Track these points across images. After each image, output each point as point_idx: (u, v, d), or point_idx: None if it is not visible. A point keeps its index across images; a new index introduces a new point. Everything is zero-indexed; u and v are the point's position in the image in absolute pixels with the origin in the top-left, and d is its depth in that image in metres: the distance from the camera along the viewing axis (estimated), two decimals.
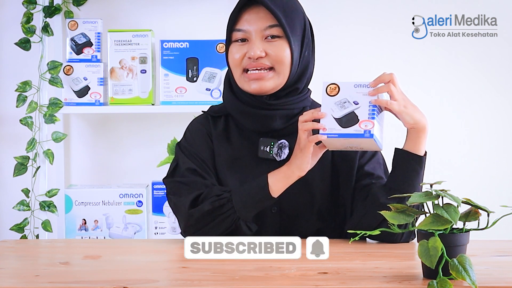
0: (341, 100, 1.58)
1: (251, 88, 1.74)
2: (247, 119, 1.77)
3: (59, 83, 2.66)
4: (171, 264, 1.48)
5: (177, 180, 1.75)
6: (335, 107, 1.58)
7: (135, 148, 2.86)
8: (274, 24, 1.72)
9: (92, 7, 2.81)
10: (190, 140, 1.81)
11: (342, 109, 1.58)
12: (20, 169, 2.69)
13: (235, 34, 1.76)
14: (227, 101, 1.81)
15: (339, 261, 1.49)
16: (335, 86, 1.59)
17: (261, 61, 1.73)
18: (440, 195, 1.29)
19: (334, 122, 1.58)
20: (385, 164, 1.83)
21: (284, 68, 1.73)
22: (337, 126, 1.58)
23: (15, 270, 1.49)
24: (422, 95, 2.85)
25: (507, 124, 2.85)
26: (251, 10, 1.75)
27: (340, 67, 2.81)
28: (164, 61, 2.64)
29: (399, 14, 2.84)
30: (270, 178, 1.67)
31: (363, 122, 1.57)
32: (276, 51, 1.72)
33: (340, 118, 1.58)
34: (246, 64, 1.74)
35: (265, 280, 1.34)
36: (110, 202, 2.60)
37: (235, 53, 1.75)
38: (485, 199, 1.71)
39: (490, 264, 1.45)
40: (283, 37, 1.73)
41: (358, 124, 1.57)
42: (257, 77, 1.73)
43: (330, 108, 1.59)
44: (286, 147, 1.75)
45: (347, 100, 1.58)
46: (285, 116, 1.76)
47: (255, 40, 1.73)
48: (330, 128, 1.58)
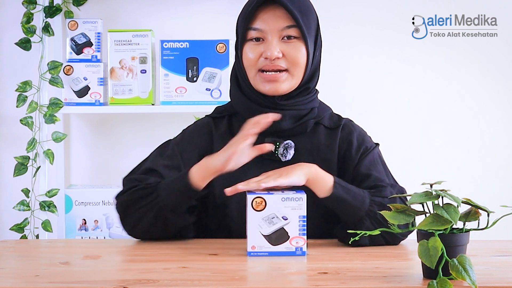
0: (268, 215, 1.50)
1: (266, 89, 1.72)
2: None
3: (59, 83, 2.66)
4: (171, 264, 1.48)
5: (133, 178, 1.74)
6: (263, 223, 1.50)
7: (135, 148, 2.86)
8: (292, 25, 1.70)
9: (92, 7, 2.81)
10: (179, 139, 1.80)
11: (270, 225, 1.50)
12: (20, 169, 2.69)
13: (250, 33, 1.73)
14: (235, 100, 1.79)
15: (339, 261, 1.49)
16: (261, 200, 1.51)
17: (278, 62, 1.71)
18: (440, 195, 1.29)
19: (263, 239, 1.50)
20: (384, 166, 1.80)
21: (299, 70, 1.72)
22: (267, 244, 1.50)
23: (15, 270, 1.49)
24: (422, 95, 2.85)
25: (507, 124, 2.85)
26: (267, 9, 1.72)
27: (340, 67, 2.81)
28: (164, 61, 2.64)
29: (399, 14, 2.84)
30: (193, 168, 1.64)
31: (294, 239, 1.51)
32: (293, 52, 1.71)
33: (270, 235, 1.50)
34: (262, 65, 1.72)
35: (265, 280, 1.34)
36: (110, 202, 2.60)
37: (250, 52, 1.73)
38: (485, 199, 1.71)
39: (490, 264, 1.45)
40: (299, 38, 1.71)
41: (289, 241, 1.51)
42: (272, 78, 1.71)
43: (257, 224, 1.50)
44: (292, 148, 1.74)
45: (276, 216, 1.50)
46: (294, 117, 1.75)
47: (271, 40, 1.71)
48: (259, 245, 1.50)
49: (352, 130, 1.80)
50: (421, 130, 2.85)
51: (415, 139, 2.85)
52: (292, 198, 1.51)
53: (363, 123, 1.88)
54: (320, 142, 1.77)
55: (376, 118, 2.82)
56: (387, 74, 2.85)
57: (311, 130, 1.78)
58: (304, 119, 1.76)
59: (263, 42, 1.72)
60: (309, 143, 1.77)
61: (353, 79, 2.85)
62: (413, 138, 2.85)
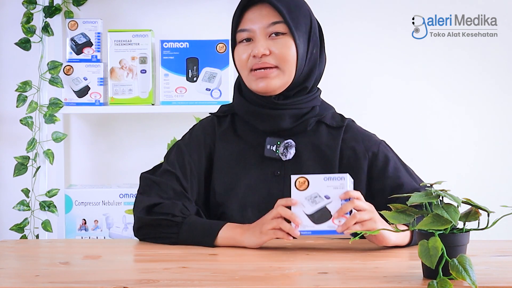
0: (311, 194, 1.53)
1: (258, 87, 1.73)
2: (256, 119, 1.77)
3: (59, 83, 2.66)
4: (171, 264, 1.48)
5: (151, 178, 1.75)
6: (306, 202, 1.53)
7: (135, 148, 2.86)
8: (278, 21, 1.71)
9: (92, 7, 2.81)
10: (186, 140, 1.81)
11: (313, 204, 1.53)
12: (20, 169, 2.69)
13: (240, 35, 1.75)
14: (236, 103, 1.81)
15: (339, 261, 1.49)
16: (304, 180, 1.54)
17: (266, 59, 1.71)
18: (440, 195, 1.29)
19: (306, 218, 1.53)
20: (402, 163, 1.79)
21: (289, 65, 1.72)
22: (310, 223, 1.53)
23: (15, 270, 1.49)
24: (421, 95, 2.85)
25: (507, 124, 2.85)
26: (254, 8, 1.74)
27: (340, 67, 2.81)
28: (164, 61, 2.64)
29: (399, 14, 2.84)
30: (223, 232, 1.62)
31: (336, 218, 1.52)
32: (280, 48, 1.71)
33: (312, 214, 1.53)
34: (252, 64, 1.73)
35: (265, 280, 1.34)
36: (110, 202, 2.60)
37: (241, 53, 1.75)
38: (485, 199, 1.71)
39: (490, 264, 1.45)
40: (287, 33, 1.72)
41: (331, 220, 1.53)
42: (262, 75, 1.72)
43: (300, 203, 1.54)
44: (293, 147, 1.74)
45: (318, 195, 1.53)
46: (294, 116, 1.75)
47: (259, 38, 1.72)
48: (303, 224, 1.53)
49: (357, 135, 1.79)
50: (420, 130, 2.85)
51: (414, 139, 2.85)
52: (335, 177, 1.53)
53: (362, 123, 1.88)
54: (321, 141, 1.77)
55: (375, 118, 2.82)
56: (387, 74, 2.85)
57: (312, 128, 1.78)
58: (304, 118, 1.76)
59: (252, 42, 1.74)
60: (310, 141, 1.77)
61: (353, 79, 2.85)
62: (412, 138, 2.84)
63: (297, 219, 1.53)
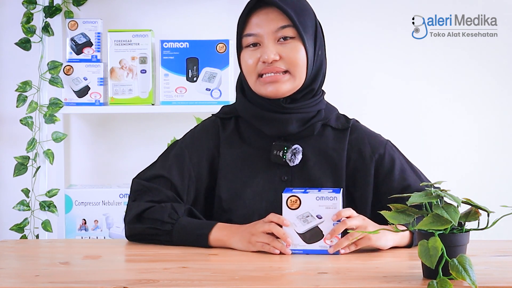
0: (303, 214, 1.52)
1: (268, 91, 1.70)
2: (263, 124, 1.73)
3: (59, 83, 2.66)
4: (171, 264, 1.48)
5: (143, 184, 1.72)
6: (298, 221, 1.52)
7: (135, 148, 2.86)
8: (287, 25, 1.68)
9: (92, 7, 2.81)
10: (187, 142, 1.78)
11: (305, 223, 1.52)
12: (20, 169, 2.69)
13: (246, 39, 1.71)
14: (241, 107, 1.77)
15: (339, 261, 1.49)
16: (296, 199, 1.53)
17: (276, 64, 1.68)
18: (440, 195, 1.29)
19: (297, 237, 1.52)
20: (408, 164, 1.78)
21: (300, 70, 1.69)
22: (301, 242, 1.52)
23: (15, 270, 1.49)
24: (421, 95, 2.85)
25: (507, 124, 2.85)
26: (260, 12, 1.70)
27: (339, 67, 2.81)
28: (164, 61, 2.64)
29: (399, 14, 2.84)
30: (213, 234, 1.62)
31: (328, 238, 1.52)
32: (290, 53, 1.68)
33: (304, 233, 1.53)
34: (261, 69, 1.69)
35: (265, 280, 1.34)
36: (110, 202, 2.60)
37: (248, 59, 1.71)
38: (485, 199, 1.71)
39: (490, 264, 1.45)
40: (296, 37, 1.69)
41: (323, 240, 1.53)
42: (272, 80, 1.69)
43: (292, 222, 1.53)
44: (300, 153, 1.71)
45: (310, 214, 1.52)
46: (301, 120, 1.72)
47: (267, 44, 1.68)
48: (294, 243, 1.52)
49: (363, 136, 1.77)
50: (420, 130, 2.85)
51: (414, 139, 2.84)
52: (327, 197, 1.53)
53: (363, 123, 1.88)
54: (328, 145, 1.75)
55: (375, 118, 2.82)
56: (387, 74, 2.85)
57: (318, 132, 1.76)
58: (311, 122, 1.74)
59: (260, 47, 1.70)
60: (316, 146, 1.74)
61: (353, 79, 2.85)
62: (412, 138, 2.84)
63: (288, 239, 1.53)
